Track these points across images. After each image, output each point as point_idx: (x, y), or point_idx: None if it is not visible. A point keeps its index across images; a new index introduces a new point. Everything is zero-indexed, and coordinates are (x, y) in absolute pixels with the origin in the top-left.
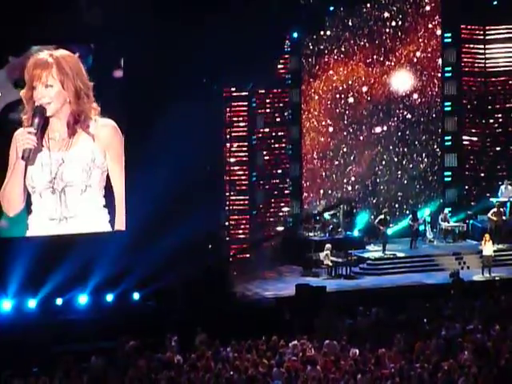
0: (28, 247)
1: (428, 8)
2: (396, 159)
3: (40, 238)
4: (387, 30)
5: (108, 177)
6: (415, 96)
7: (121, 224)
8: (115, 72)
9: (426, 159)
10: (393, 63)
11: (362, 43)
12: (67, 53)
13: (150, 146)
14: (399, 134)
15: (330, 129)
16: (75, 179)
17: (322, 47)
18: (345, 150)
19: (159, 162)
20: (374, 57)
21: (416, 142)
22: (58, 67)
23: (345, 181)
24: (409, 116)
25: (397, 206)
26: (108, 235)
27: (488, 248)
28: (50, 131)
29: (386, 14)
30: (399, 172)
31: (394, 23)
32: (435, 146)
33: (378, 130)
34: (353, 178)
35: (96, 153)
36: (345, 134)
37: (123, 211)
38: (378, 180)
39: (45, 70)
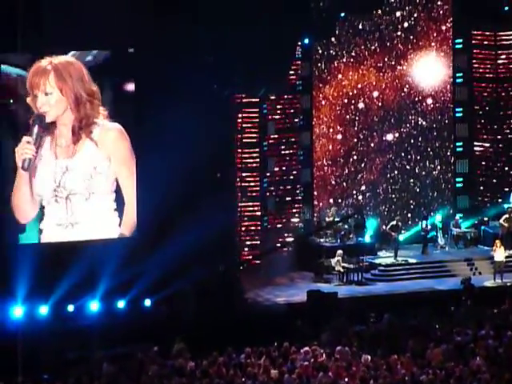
0: (39, 253)
1: (439, 14)
2: (408, 167)
3: (51, 244)
4: (398, 34)
5: (117, 181)
6: (428, 101)
7: (131, 228)
8: (126, 84)
9: (438, 166)
10: (404, 67)
11: (373, 48)
12: (68, 59)
13: (160, 152)
14: (411, 140)
15: (341, 135)
16: (77, 188)
17: (332, 52)
18: (355, 157)
19: (170, 168)
20: (386, 62)
21: (429, 149)
22: (55, 74)
23: (356, 188)
24: (421, 122)
25: (409, 215)
26: (119, 241)
27: (499, 254)
28: (58, 138)
29: (397, 19)
30: (412, 180)
31: (405, 28)
32: (448, 153)
33: (389, 137)
34: (363, 187)
35: (99, 159)
36: (355, 140)
37: (134, 215)
38: (389, 188)
39: (43, 78)
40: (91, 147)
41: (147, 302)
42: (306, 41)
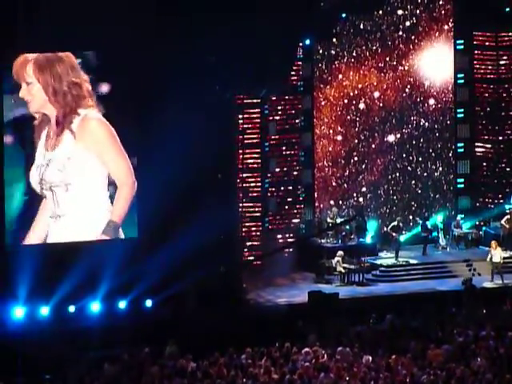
0: (40, 254)
1: (441, 14)
2: (409, 168)
3: (52, 245)
4: (400, 34)
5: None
6: (430, 102)
7: (121, 215)
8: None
9: (440, 167)
10: (406, 68)
11: (375, 48)
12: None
13: (161, 153)
14: (413, 141)
15: (342, 136)
16: (54, 180)
17: (333, 53)
18: (356, 157)
19: (171, 169)
20: (387, 62)
21: (430, 150)
22: (34, 64)
23: (357, 189)
24: (422, 123)
25: (410, 217)
26: (120, 241)
27: (496, 255)
28: (49, 131)
29: (398, 19)
30: (413, 181)
31: (406, 28)
32: (449, 154)
33: (390, 138)
34: (365, 187)
35: (75, 150)
36: (356, 141)
37: (126, 201)
38: (390, 189)
39: (23, 67)
40: (69, 138)
41: (148, 303)
42: (307, 41)
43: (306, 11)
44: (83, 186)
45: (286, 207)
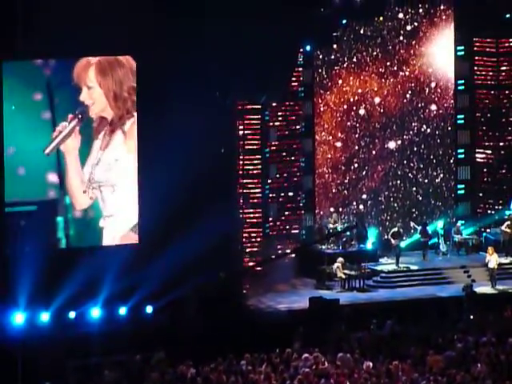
0: (40, 260)
1: (441, 20)
2: (410, 174)
3: (53, 251)
4: (400, 40)
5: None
6: (431, 108)
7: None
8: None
9: (441, 174)
10: (406, 73)
11: (375, 53)
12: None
13: (162, 160)
14: (414, 147)
15: (343, 142)
16: (102, 179)
17: (334, 58)
18: (357, 164)
19: (172, 175)
20: (388, 68)
21: (431, 156)
22: (96, 68)
23: (357, 195)
24: (423, 128)
25: (411, 224)
26: (121, 247)
27: (492, 260)
28: (101, 131)
29: (399, 25)
30: (414, 188)
31: (407, 34)
32: (450, 160)
33: (391, 144)
34: (365, 195)
35: (123, 151)
36: (356, 148)
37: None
38: (391, 195)
39: (84, 71)
40: (120, 139)
41: (149, 309)
42: (308, 48)
43: (306, 18)
44: (128, 187)
45: (287, 213)
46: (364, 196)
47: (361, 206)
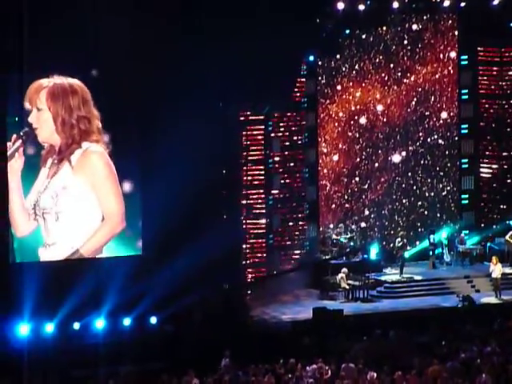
0: (45, 271)
1: (445, 29)
2: (414, 185)
3: (57, 262)
4: (403, 48)
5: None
6: (434, 118)
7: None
8: None
9: (445, 183)
10: (410, 82)
11: (378, 61)
12: (73, 81)
13: (165, 171)
14: (418, 157)
15: (346, 153)
16: (46, 206)
17: (337, 68)
18: (360, 175)
19: (176, 186)
20: (391, 76)
21: (436, 167)
22: (48, 92)
23: (361, 207)
24: (428, 139)
25: (417, 231)
26: (124, 258)
27: (496, 270)
28: (49, 158)
29: (403, 33)
30: (418, 198)
31: (410, 42)
32: (454, 170)
33: (395, 157)
34: (368, 207)
35: (71, 181)
36: (359, 159)
37: (101, 238)
38: (395, 208)
39: (36, 93)
40: (67, 169)
41: (153, 320)
42: (311, 58)
43: (309, 28)
44: (73, 216)
45: (290, 224)
46: (367, 209)
47: (365, 212)
